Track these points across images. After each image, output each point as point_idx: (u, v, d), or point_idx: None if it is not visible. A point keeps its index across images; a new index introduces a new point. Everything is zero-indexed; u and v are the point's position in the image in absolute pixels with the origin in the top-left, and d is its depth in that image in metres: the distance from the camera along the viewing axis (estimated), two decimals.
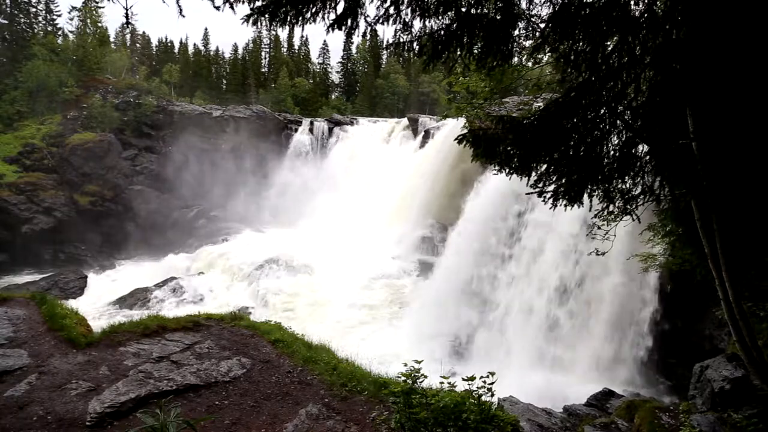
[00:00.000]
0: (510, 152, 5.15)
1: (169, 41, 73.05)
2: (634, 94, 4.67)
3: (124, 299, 23.48)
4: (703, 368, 7.15)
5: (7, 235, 30.88)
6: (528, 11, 4.75)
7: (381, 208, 30.54)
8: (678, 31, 4.27)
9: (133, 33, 66.80)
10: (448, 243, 23.11)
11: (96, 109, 38.09)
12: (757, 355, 5.59)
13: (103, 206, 35.25)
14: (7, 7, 44.96)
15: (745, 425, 6.11)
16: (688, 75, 4.44)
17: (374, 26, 4.49)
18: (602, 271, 14.09)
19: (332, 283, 23.43)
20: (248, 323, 9.04)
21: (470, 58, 4.71)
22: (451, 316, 17.93)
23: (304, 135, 42.97)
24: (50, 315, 8.32)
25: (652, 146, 4.99)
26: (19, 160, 34.30)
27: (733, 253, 5.34)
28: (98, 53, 45.65)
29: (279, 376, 7.19)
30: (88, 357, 7.22)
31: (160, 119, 40.70)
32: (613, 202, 5.51)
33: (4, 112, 37.70)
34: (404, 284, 23.39)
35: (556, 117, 4.78)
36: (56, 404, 6.01)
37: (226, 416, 6.12)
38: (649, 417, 7.19)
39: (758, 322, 6.84)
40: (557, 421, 7.75)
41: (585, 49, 4.39)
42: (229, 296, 23.35)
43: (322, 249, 27.19)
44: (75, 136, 36.60)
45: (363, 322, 20.12)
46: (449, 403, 4.62)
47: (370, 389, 6.67)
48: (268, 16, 4.26)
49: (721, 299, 5.56)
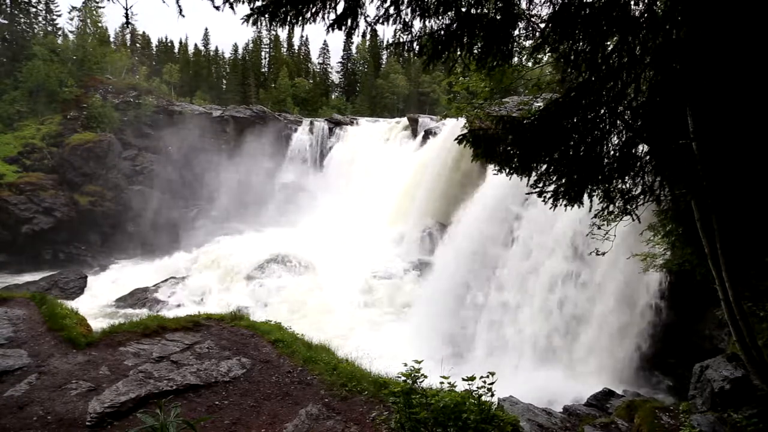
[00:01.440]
0: (510, 152, 5.15)
1: (169, 41, 73.10)
2: (634, 94, 4.67)
3: (124, 299, 23.48)
4: (703, 368, 7.14)
5: (7, 235, 30.86)
6: (528, 11, 4.75)
7: (381, 207, 30.53)
8: (678, 31, 4.27)
9: (133, 33, 66.79)
10: (447, 242, 23.11)
11: (96, 109, 38.06)
12: (757, 355, 5.59)
13: (103, 206, 35.22)
14: (7, 7, 44.95)
15: (745, 425, 6.11)
16: (688, 75, 4.44)
17: (374, 26, 4.49)
18: (602, 271, 14.09)
19: (332, 283, 23.42)
20: (248, 323, 9.05)
21: (470, 58, 4.70)
22: (450, 316, 17.93)
23: (304, 135, 42.97)
24: (50, 315, 8.32)
25: (652, 146, 4.99)
26: (19, 160, 34.28)
27: (733, 253, 5.34)
28: (98, 53, 45.57)
29: (279, 376, 7.19)
30: (88, 357, 7.22)
31: (160, 119, 40.67)
32: (613, 202, 5.51)
33: (4, 112, 37.67)
34: (404, 284, 23.37)
35: (556, 117, 4.78)
36: (56, 404, 6.00)
37: (226, 416, 6.12)
38: (649, 417, 7.18)
39: (758, 322, 6.84)
40: (557, 421, 7.75)
41: (585, 49, 4.39)
42: (229, 296, 23.33)
43: (323, 249, 27.18)
44: (75, 136, 36.57)
45: (363, 321, 20.12)
46: (449, 403, 4.62)
47: (370, 389, 6.67)
48: (268, 16, 4.26)
49: (721, 299, 5.56)
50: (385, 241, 27.62)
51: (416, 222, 27.44)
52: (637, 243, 10.27)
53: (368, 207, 31.34)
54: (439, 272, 21.57)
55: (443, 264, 21.59)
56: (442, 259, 22.56)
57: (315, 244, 28.07)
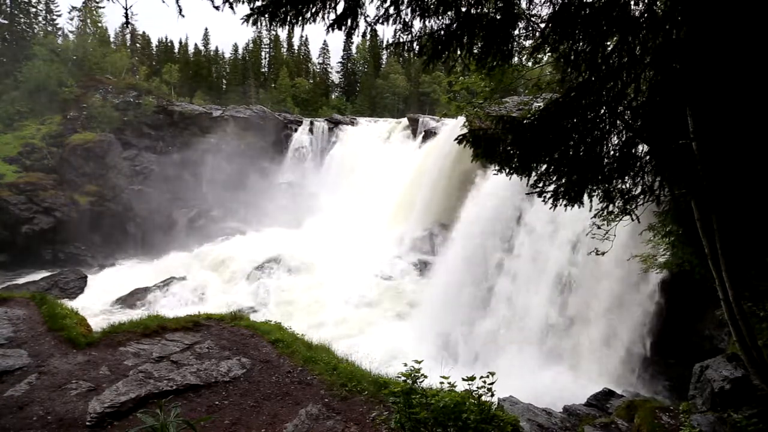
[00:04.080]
0: (510, 152, 5.15)
1: (169, 41, 73.02)
2: (634, 94, 4.67)
3: (124, 299, 23.47)
4: (703, 368, 7.14)
5: (7, 235, 30.86)
6: (528, 11, 4.75)
7: (381, 208, 30.53)
8: (678, 31, 4.27)
9: (133, 33, 66.84)
10: (448, 242, 23.11)
11: (96, 109, 38.09)
12: (757, 355, 5.59)
13: (103, 206, 35.22)
14: (7, 7, 44.97)
15: (745, 425, 6.10)
16: (688, 75, 4.44)
17: (374, 26, 4.49)
18: (602, 272, 14.09)
19: (332, 283, 23.42)
20: (248, 323, 9.04)
21: (470, 58, 4.70)
22: (451, 316, 17.94)
23: (304, 135, 42.96)
24: (50, 315, 8.32)
25: (652, 146, 4.99)
26: (19, 160, 34.32)
27: (733, 253, 5.34)
28: (98, 53, 45.61)
29: (279, 376, 7.19)
30: (88, 357, 7.22)
31: (160, 119, 40.68)
32: (613, 202, 5.51)
33: (4, 112, 37.69)
34: (404, 284, 23.37)
35: (556, 117, 4.78)
36: (56, 404, 6.00)
37: (226, 416, 6.12)
38: (649, 417, 7.18)
39: (758, 322, 6.83)
40: (557, 421, 7.75)
41: (585, 49, 4.39)
42: (229, 296, 23.33)
43: (323, 249, 27.18)
44: (75, 136, 36.59)
45: (363, 321, 20.11)
46: (449, 403, 4.61)
47: (370, 389, 6.67)
48: (267, 16, 4.26)
49: (721, 299, 5.56)
50: (386, 241, 27.61)
51: (417, 222, 27.44)
52: (638, 243, 10.28)
53: (369, 207, 31.33)
54: (439, 272, 21.58)
55: (444, 264, 21.59)
56: (442, 259, 22.56)
57: (315, 244, 28.08)
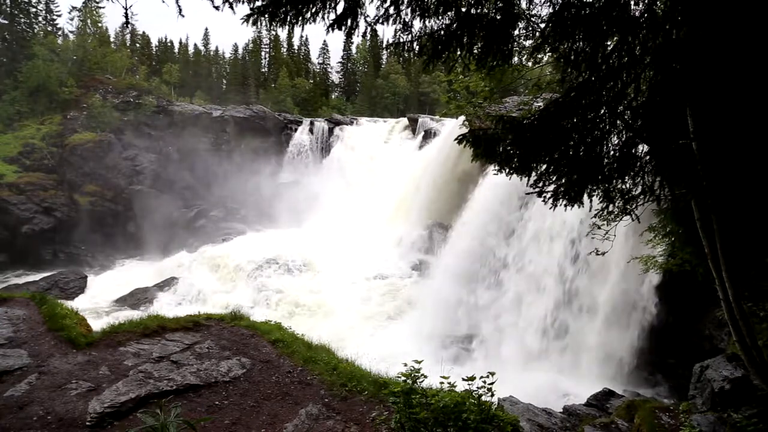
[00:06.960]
0: (510, 152, 5.15)
1: (169, 41, 72.98)
2: (634, 94, 4.66)
3: (124, 299, 23.46)
4: (703, 368, 7.14)
5: (7, 235, 30.84)
6: (528, 11, 4.75)
7: (381, 207, 30.53)
8: (678, 31, 4.27)
9: (133, 33, 66.72)
10: (447, 243, 23.10)
11: (96, 109, 38.06)
12: (757, 355, 5.58)
13: (103, 206, 35.21)
14: (7, 7, 44.94)
15: (745, 425, 6.10)
16: (688, 75, 4.44)
17: (374, 26, 4.49)
18: (602, 272, 14.09)
19: (332, 283, 23.42)
20: (248, 323, 9.04)
21: (470, 58, 4.70)
22: (450, 316, 17.92)
23: (304, 135, 42.95)
24: (50, 315, 8.32)
25: (652, 146, 4.99)
26: (19, 160, 34.26)
27: (733, 253, 5.33)
28: (98, 53, 45.58)
29: (279, 376, 7.19)
30: (88, 357, 7.22)
31: (160, 119, 40.66)
32: (613, 202, 5.50)
33: (4, 112, 37.66)
34: (404, 284, 23.36)
35: (556, 117, 4.77)
36: (56, 404, 6.00)
37: (226, 416, 6.12)
38: (649, 417, 7.18)
39: (758, 322, 6.83)
40: (557, 421, 7.75)
41: (585, 49, 4.39)
42: (229, 296, 23.31)
43: (323, 249, 27.18)
44: (75, 136, 36.57)
45: (363, 321, 20.10)
46: (449, 403, 4.62)
47: (370, 389, 6.67)
48: (267, 16, 4.25)
49: (721, 299, 5.55)
50: (385, 241, 27.61)
51: (416, 222, 27.44)
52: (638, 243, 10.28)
53: (368, 207, 31.34)
54: (439, 272, 21.56)
55: (443, 264, 21.57)
56: (442, 259, 22.55)
57: (315, 244, 28.08)
